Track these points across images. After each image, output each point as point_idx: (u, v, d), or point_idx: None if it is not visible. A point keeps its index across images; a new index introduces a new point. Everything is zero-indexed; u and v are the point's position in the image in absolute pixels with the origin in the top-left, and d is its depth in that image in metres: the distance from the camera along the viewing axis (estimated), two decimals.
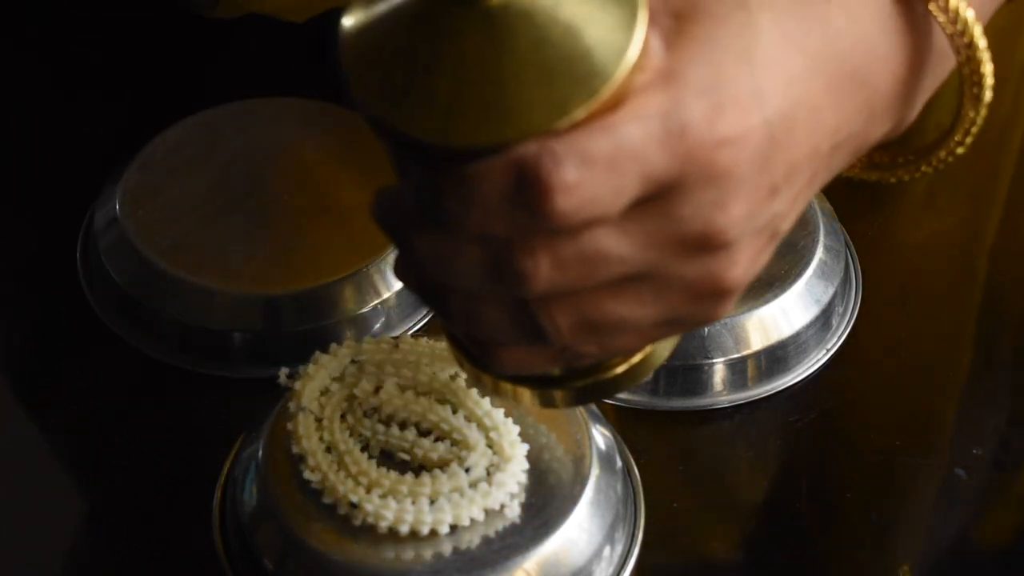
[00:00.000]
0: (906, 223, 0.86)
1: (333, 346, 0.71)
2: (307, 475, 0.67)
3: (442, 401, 0.70)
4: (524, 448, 0.68)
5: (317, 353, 0.70)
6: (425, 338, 0.71)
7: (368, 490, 0.66)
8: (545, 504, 0.68)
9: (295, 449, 0.68)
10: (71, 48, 0.93)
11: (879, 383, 0.79)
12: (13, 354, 0.80)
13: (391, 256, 0.79)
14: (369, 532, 0.66)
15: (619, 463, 0.71)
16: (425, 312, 0.80)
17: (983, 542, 0.74)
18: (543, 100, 0.52)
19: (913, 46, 0.59)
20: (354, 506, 0.66)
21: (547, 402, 0.63)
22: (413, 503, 0.66)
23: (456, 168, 0.53)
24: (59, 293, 0.81)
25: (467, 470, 0.67)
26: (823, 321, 0.78)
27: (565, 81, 0.52)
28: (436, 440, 0.69)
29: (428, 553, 0.66)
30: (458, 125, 0.52)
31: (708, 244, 0.54)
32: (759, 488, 0.75)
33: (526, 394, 0.62)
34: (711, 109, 0.53)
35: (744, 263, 0.56)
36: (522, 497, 0.68)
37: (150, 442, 0.75)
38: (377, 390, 0.69)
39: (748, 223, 0.55)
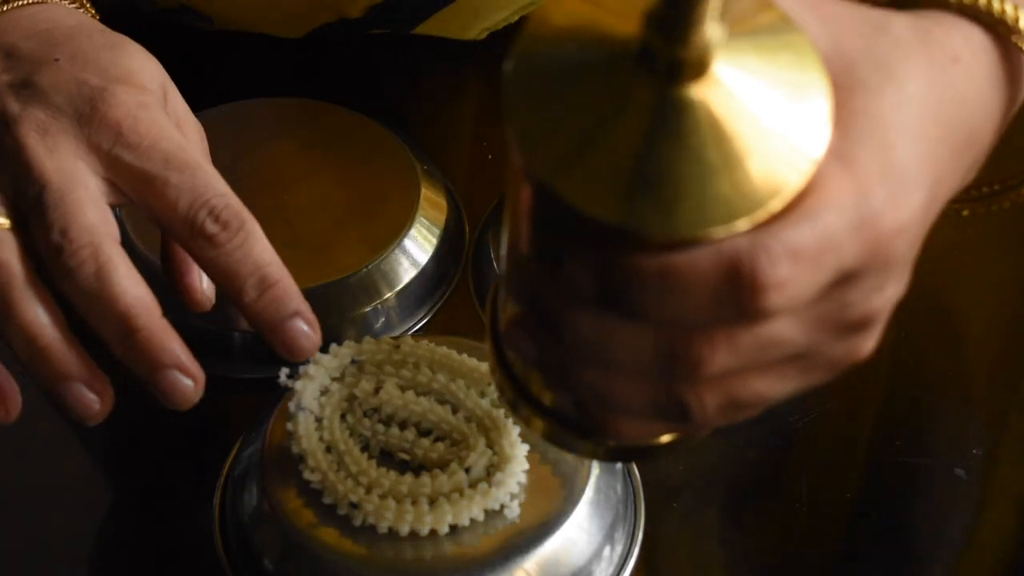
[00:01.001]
0: None
1: (333, 346, 0.71)
2: (307, 475, 0.67)
3: (442, 401, 0.70)
4: (524, 448, 0.68)
5: (317, 353, 0.70)
6: (425, 339, 0.71)
7: (368, 490, 0.66)
8: (545, 504, 0.68)
9: (295, 449, 0.68)
10: None
11: (879, 383, 0.79)
12: (12, 355, 0.80)
13: (391, 256, 0.79)
14: (369, 532, 0.66)
15: (619, 463, 0.71)
16: (424, 313, 0.80)
17: (983, 542, 0.74)
18: (749, 188, 0.49)
19: (1011, 96, 0.59)
20: (354, 506, 0.66)
21: (583, 453, 0.61)
22: (413, 503, 0.66)
23: (648, 255, 0.50)
24: (59, 293, 0.81)
25: (467, 470, 0.67)
26: None
27: (768, 166, 0.49)
28: (436, 440, 0.69)
29: (428, 553, 0.66)
30: (664, 214, 0.49)
31: (863, 325, 0.54)
32: (759, 488, 0.75)
33: (565, 441, 0.59)
34: (889, 197, 0.52)
35: (879, 334, 0.56)
36: (522, 497, 0.67)
37: (150, 442, 0.75)
38: (377, 390, 0.69)
39: (893, 299, 0.55)
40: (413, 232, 0.80)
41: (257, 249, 0.65)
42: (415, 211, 0.80)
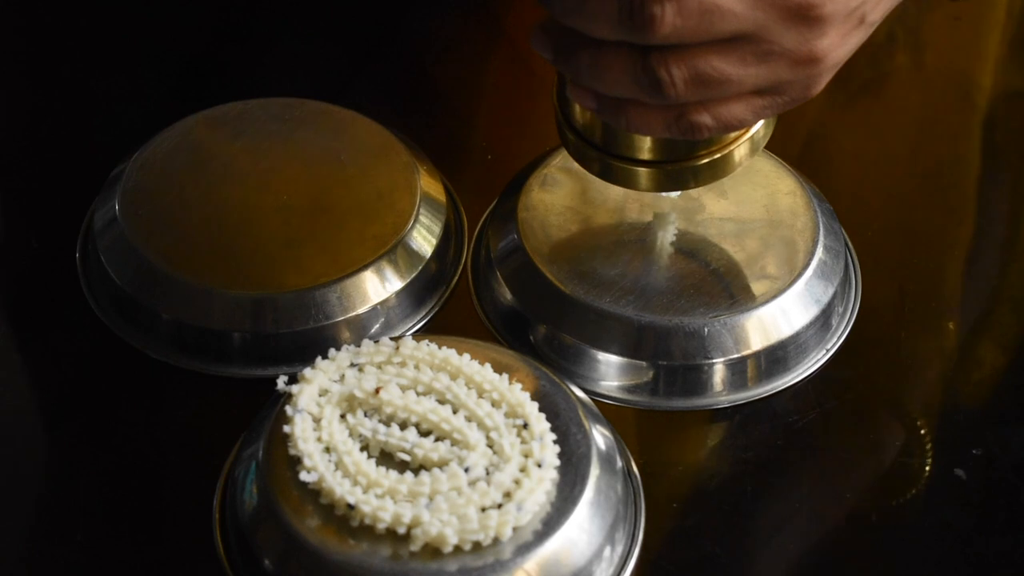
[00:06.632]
0: (906, 223, 0.86)
1: (332, 351, 0.71)
2: (303, 476, 0.67)
3: (443, 402, 0.70)
4: (553, 464, 0.68)
5: (318, 358, 0.70)
6: (426, 340, 0.71)
7: (366, 490, 0.66)
8: (545, 504, 0.68)
9: (291, 451, 0.68)
10: (71, 49, 0.93)
11: (879, 383, 0.79)
12: (12, 354, 0.80)
13: (391, 256, 0.79)
14: (369, 532, 0.66)
15: (619, 463, 0.71)
16: (424, 313, 0.80)
17: (982, 542, 0.74)
18: None
19: None
20: (351, 507, 0.66)
21: (631, 182, 0.73)
22: (411, 503, 0.66)
23: None
24: (59, 293, 0.81)
25: (466, 470, 0.67)
26: (823, 321, 0.78)
27: None
28: (436, 440, 0.69)
29: (428, 553, 0.66)
30: None
31: (805, 14, 0.64)
32: (759, 488, 0.75)
33: (617, 170, 0.73)
34: None
35: (834, 37, 0.65)
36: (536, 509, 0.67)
37: (150, 442, 0.75)
38: (378, 391, 0.70)
39: (840, 4, 0.65)
40: (413, 232, 0.80)
41: None
42: (415, 211, 0.80)
